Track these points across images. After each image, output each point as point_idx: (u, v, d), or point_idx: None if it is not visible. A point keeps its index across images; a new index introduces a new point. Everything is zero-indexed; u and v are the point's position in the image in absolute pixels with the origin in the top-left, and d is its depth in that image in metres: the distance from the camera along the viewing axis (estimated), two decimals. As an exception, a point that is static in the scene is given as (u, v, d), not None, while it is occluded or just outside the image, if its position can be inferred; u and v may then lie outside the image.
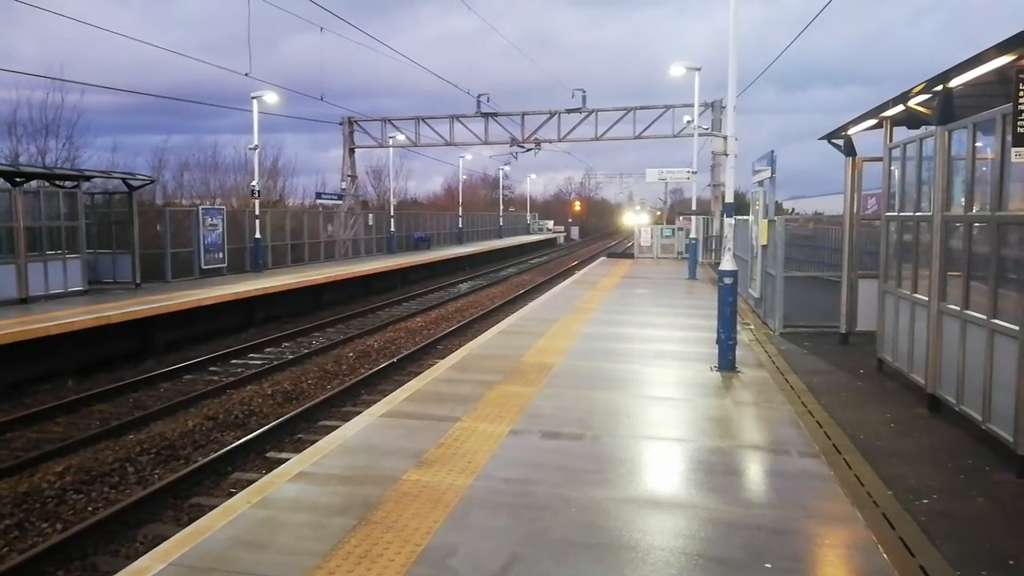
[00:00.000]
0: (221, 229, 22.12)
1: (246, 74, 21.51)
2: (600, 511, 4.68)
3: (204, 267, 21.27)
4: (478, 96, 33.37)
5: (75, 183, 16.92)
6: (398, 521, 4.50)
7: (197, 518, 4.74)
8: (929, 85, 7.34)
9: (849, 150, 11.12)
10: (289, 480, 5.19)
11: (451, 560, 4.00)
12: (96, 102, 71.01)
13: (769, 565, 3.96)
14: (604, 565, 3.97)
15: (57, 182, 16.74)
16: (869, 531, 4.44)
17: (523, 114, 34.13)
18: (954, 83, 7.01)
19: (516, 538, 4.28)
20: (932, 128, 7.68)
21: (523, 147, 35.39)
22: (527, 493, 4.98)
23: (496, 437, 6.17)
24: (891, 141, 9.50)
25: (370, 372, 12.53)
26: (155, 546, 4.32)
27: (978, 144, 6.70)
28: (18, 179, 15.31)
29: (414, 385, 8.13)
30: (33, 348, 11.64)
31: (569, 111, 33.01)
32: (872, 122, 9.81)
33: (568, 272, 30.63)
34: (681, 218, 37.48)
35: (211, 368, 13.34)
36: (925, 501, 5.19)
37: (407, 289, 26.35)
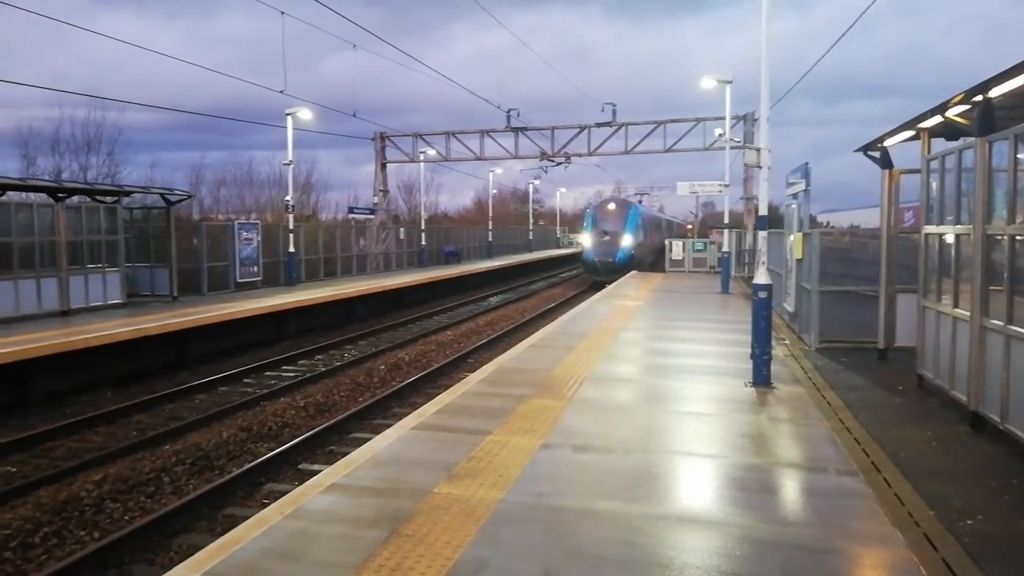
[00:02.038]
0: (256, 243, 22.47)
1: (281, 91, 21.91)
2: (633, 527, 4.62)
3: (239, 280, 21.60)
4: (508, 111, 33.51)
5: (115, 198, 17.33)
6: (430, 534, 4.49)
7: (231, 528, 4.78)
8: (968, 95, 7.20)
9: (886, 162, 10.94)
10: (321, 492, 5.22)
11: (483, 575, 3.98)
12: (137, 120, 72.78)
13: (807, 585, 3.87)
14: (637, 582, 3.92)
15: (98, 197, 17.16)
16: (911, 552, 4.32)
17: (553, 128, 34.18)
18: (994, 93, 6.88)
19: (549, 553, 4.25)
20: (971, 140, 7.53)
21: (553, 161, 35.40)
22: (560, 508, 4.94)
23: (528, 451, 6.14)
24: (929, 153, 9.34)
25: (401, 385, 12.58)
26: (189, 555, 4.35)
27: (1020, 156, 6.55)
28: (60, 195, 15.73)
29: (445, 398, 8.13)
30: (73, 359, 11.90)
31: (599, 125, 32.98)
32: (909, 134, 9.65)
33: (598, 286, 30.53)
34: (713, 231, 37.16)
35: (245, 380, 13.51)
36: (969, 522, 5.05)
37: (438, 303, 26.46)
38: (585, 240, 35.35)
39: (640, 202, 50.23)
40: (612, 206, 36.70)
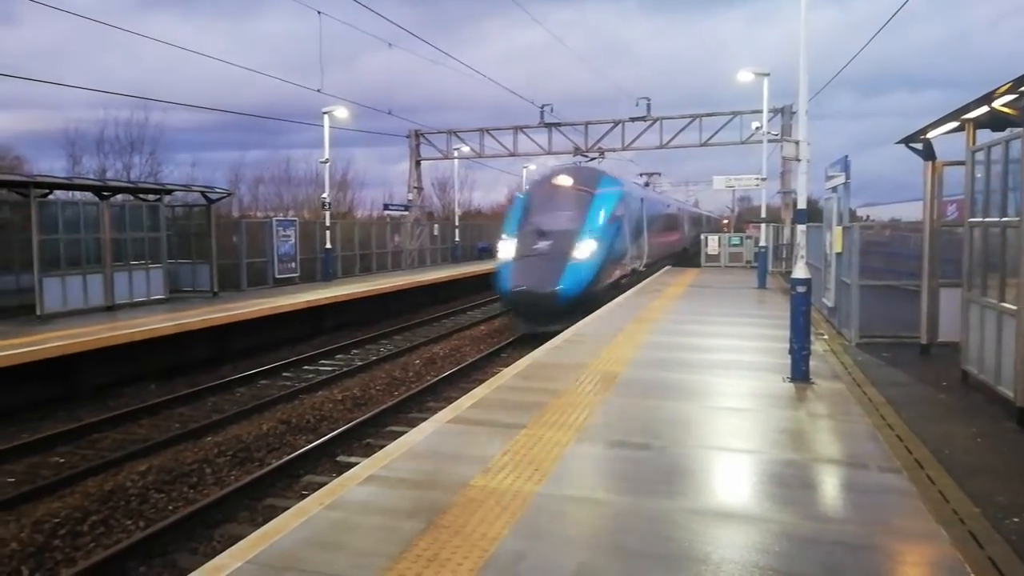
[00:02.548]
0: (294, 240, 22.80)
1: (318, 90, 22.20)
2: (669, 522, 4.60)
3: (278, 276, 21.94)
4: (542, 107, 33.42)
5: (158, 196, 17.72)
6: (466, 526, 4.52)
7: (271, 518, 4.87)
8: (1016, 85, 7.01)
9: (929, 154, 10.69)
10: (359, 483, 5.28)
11: (519, 567, 4.00)
12: (178, 120, 74.24)
13: (848, 582, 3.82)
14: (674, 576, 3.90)
15: (141, 196, 17.56)
16: (955, 550, 4.23)
17: (587, 123, 34.01)
18: (1044, 81, 6.68)
19: (584, 547, 4.25)
20: (1019, 130, 7.32)
21: (587, 156, 35.22)
22: (595, 502, 4.94)
23: (562, 445, 6.15)
24: (974, 144, 9.10)
25: (436, 379, 12.67)
26: (232, 544, 4.45)
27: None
28: (105, 193, 16.13)
29: (479, 392, 8.17)
30: (119, 353, 12.20)
31: (633, 119, 32.71)
32: (953, 125, 9.41)
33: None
34: (750, 226, 36.40)
35: (284, 374, 13.73)
36: (1016, 520, 4.93)
37: (471, 298, 26.56)
38: (505, 250, 18.23)
39: (647, 184, 34.05)
40: (562, 182, 19.83)
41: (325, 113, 24.83)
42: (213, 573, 3.96)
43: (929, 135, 10.35)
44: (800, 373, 8.60)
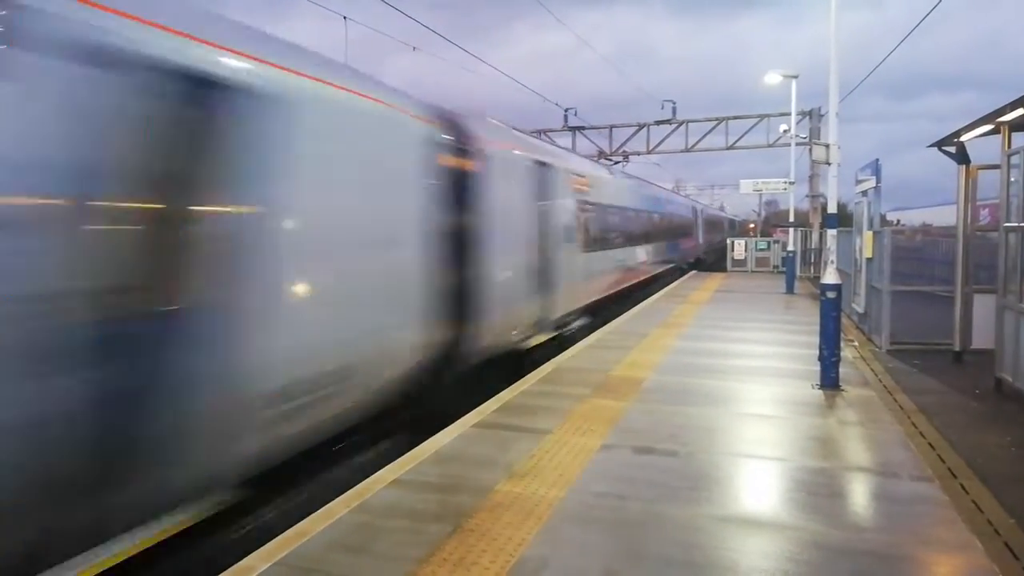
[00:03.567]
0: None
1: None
2: (697, 529, 4.56)
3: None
4: (566, 110, 33.41)
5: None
6: (491, 530, 4.52)
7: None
8: (1054, 86, 6.85)
9: (962, 158, 10.51)
10: (385, 487, 5.30)
11: (545, 572, 3.99)
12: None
13: (880, 593, 3.75)
14: (701, 584, 3.86)
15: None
16: (990, 560, 4.14)
17: (611, 127, 33.90)
18: (1083, 83, 6.53)
19: (611, 553, 4.23)
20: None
21: (611, 160, 35.18)
22: (621, 508, 4.91)
23: (588, 451, 6.12)
24: (1009, 147, 8.93)
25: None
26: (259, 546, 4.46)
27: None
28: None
29: (504, 396, 8.17)
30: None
31: (658, 123, 32.55)
32: (988, 128, 9.24)
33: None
34: (778, 230, 36.02)
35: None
36: (1054, 532, 4.81)
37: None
38: None
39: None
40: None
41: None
42: (243, 574, 4.00)
43: (963, 138, 10.17)
44: (830, 380, 8.48)
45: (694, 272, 29.86)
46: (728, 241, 32.95)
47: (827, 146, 9.05)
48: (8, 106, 3.37)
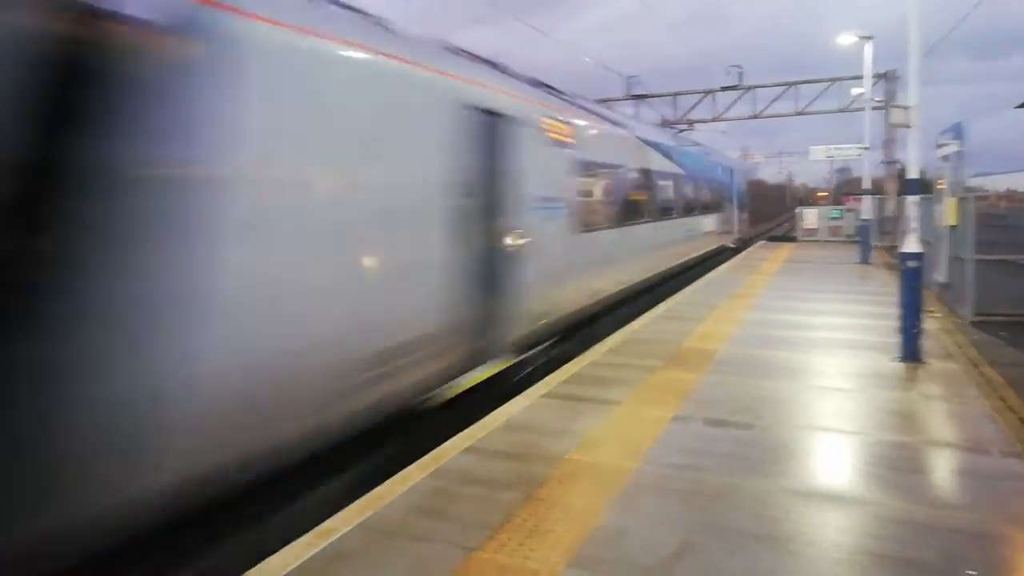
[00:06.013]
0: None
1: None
2: (773, 503, 4.49)
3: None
4: (629, 78, 32.79)
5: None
6: (563, 499, 4.55)
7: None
8: None
9: (1057, 118, 9.89)
10: (459, 453, 5.39)
11: (622, 542, 3.99)
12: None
13: (973, 572, 3.63)
14: (780, 558, 3.81)
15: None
16: (1090, 542, 3.96)
17: (675, 94, 33.09)
18: None
19: (687, 525, 4.20)
20: None
21: (676, 128, 34.44)
22: (696, 480, 4.87)
23: (659, 422, 6.08)
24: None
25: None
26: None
27: None
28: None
29: (571, 368, 8.16)
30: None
31: (724, 89, 31.59)
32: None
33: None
34: (851, 198, 34.69)
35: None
36: None
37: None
38: None
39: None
40: None
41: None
42: (324, 535, 4.13)
43: (1059, 97, 9.55)
44: (911, 352, 8.19)
45: (763, 241, 29.05)
46: (797, 211, 31.92)
47: (907, 109, 8.64)
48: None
